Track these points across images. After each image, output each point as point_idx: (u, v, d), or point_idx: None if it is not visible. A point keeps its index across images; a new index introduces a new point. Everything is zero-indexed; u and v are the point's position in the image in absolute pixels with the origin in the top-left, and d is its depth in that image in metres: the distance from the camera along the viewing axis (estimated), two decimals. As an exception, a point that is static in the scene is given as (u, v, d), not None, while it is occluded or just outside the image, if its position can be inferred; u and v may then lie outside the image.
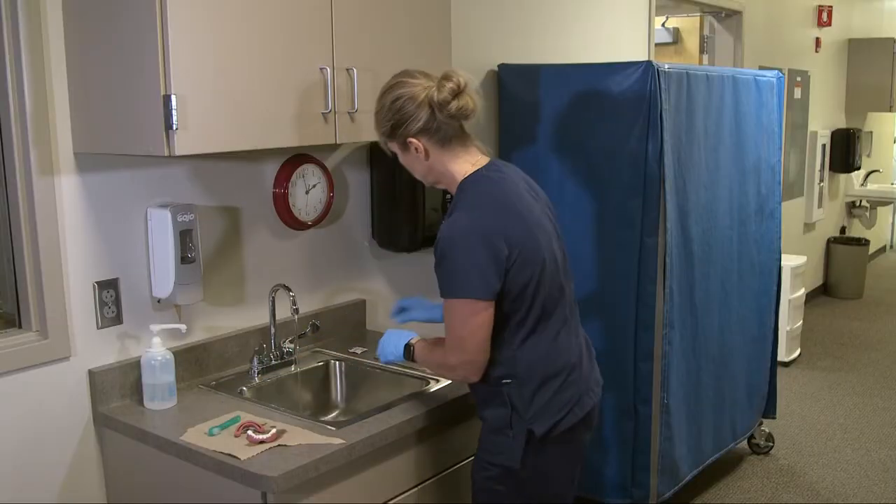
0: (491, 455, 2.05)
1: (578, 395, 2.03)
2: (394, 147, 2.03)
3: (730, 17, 5.50)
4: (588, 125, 3.06)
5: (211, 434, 2.03)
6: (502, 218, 1.92)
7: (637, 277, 3.01)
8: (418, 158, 2.00)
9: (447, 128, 1.95)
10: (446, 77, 1.93)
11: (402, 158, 2.06)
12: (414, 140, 1.96)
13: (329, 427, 2.09)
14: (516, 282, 1.92)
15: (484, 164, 2.02)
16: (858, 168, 7.44)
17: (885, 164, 8.84)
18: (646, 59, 3.62)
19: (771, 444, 4.08)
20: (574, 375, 2.03)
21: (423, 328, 2.33)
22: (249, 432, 2.00)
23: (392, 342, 2.19)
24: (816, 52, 6.73)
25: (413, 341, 2.15)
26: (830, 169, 7.12)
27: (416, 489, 2.23)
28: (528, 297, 1.94)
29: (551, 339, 2.00)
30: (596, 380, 2.13)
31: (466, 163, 2.00)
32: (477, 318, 1.90)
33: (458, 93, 1.92)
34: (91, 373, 2.22)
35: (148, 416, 2.19)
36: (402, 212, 2.88)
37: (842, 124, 7.40)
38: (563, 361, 2.02)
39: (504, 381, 1.99)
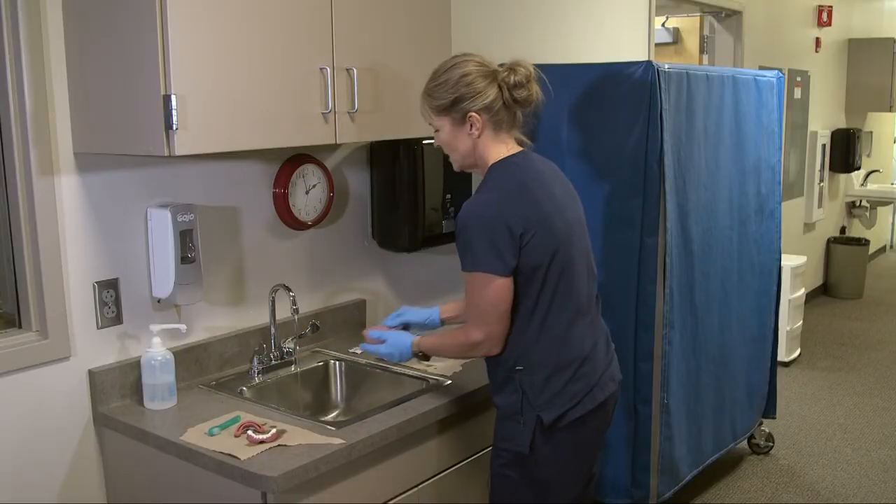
0: (503, 441, 2.11)
1: (589, 387, 2.07)
2: (444, 122, 2.06)
3: (730, 17, 5.50)
4: (588, 125, 3.06)
5: (211, 434, 2.03)
6: (519, 200, 1.99)
7: (637, 277, 3.01)
8: (470, 136, 2.05)
9: (508, 111, 2.03)
10: (518, 64, 2.02)
11: (447, 135, 2.08)
12: (475, 115, 2.01)
13: (329, 427, 2.09)
14: (528, 262, 1.98)
15: (516, 151, 2.09)
16: (858, 168, 7.44)
17: (885, 164, 8.84)
18: (646, 59, 3.62)
19: (771, 444, 4.08)
20: (585, 367, 2.07)
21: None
22: (249, 432, 2.00)
23: (399, 345, 2.21)
24: (816, 52, 6.72)
25: (416, 339, 2.21)
26: (830, 169, 7.12)
27: (416, 489, 2.23)
28: (539, 279, 2.00)
29: (564, 330, 2.04)
30: (611, 375, 2.16)
31: (503, 149, 2.07)
32: (494, 289, 1.97)
33: (528, 80, 2.01)
34: (91, 373, 2.22)
35: (148, 416, 2.19)
36: (402, 212, 2.87)
37: (842, 124, 7.40)
38: (575, 353, 2.06)
39: (517, 367, 2.05)
